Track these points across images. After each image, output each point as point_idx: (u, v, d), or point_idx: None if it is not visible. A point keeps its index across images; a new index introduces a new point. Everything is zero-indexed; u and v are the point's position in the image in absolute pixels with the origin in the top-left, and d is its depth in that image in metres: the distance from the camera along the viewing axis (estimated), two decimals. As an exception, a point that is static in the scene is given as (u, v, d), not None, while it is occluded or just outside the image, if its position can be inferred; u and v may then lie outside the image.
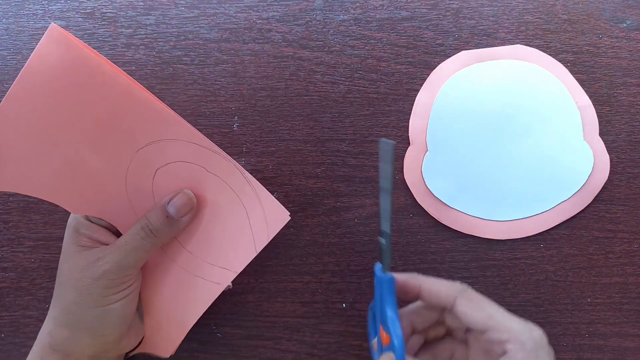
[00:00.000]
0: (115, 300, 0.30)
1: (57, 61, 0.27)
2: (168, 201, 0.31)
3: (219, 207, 0.33)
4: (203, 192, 0.33)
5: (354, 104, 0.39)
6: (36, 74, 0.27)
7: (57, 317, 0.31)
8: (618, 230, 0.39)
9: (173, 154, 0.32)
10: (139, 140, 0.31)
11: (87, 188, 0.31)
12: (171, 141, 0.31)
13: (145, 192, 0.32)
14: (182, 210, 0.32)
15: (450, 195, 0.38)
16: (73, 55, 0.27)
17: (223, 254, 0.34)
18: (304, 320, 0.39)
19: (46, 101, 0.28)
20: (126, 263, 0.30)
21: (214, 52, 0.40)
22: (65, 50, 0.27)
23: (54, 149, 0.29)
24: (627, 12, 0.39)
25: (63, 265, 0.31)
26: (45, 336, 0.31)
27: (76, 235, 0.31)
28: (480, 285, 0.39)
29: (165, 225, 0.31)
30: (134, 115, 0.30)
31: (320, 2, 0.40)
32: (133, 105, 0.30)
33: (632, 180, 0.39)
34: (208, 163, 0.32)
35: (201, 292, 0.34)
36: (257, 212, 0.33)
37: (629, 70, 0.39)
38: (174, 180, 0.32)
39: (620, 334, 0.38)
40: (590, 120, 0.39)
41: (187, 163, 0.32)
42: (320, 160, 0.39)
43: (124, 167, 0.31)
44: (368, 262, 0.39)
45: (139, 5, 0.40)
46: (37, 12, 0.40)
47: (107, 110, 0.29)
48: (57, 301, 0.31)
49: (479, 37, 0.39)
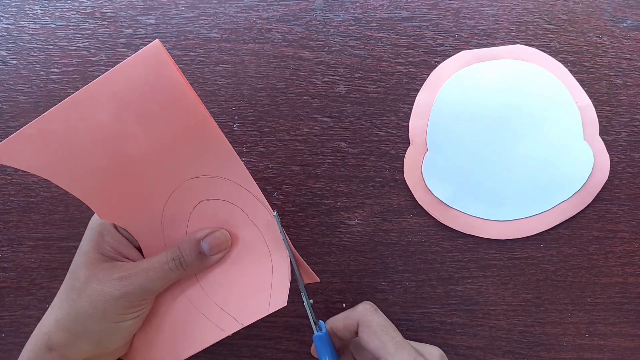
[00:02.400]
0: (128, 319, 0.30)
1: (148, 73, 0.28)
2: (203, 236, 0.31)
3: (247, 255, 0.33)
4: (237, 235, 0.33)
5: (354, 104, 0.39)
6: (123, 77, 0.28)
7: (61, 320, 0.30)
8: (618, 230, 0.39)
9: (222, 192, 0.32)
10: (195, 169, 0.31)
11: (125, 198, 0.31)
12: (225, 180, 0.31)
13: (180, 219, 0.32)
14: (216, 249, 0.32)
15: (450, 195, 0.38)
16: (165, 75, 0.28)
17: (235, 301, 0.33)
18: (304, 320, 0.39)
19: (121, 104, 0.28)
20: (150, 289, 0.30)
21: (214, 52, 0.40)
22: (159, 66, 0.28)
23: (107, 149, 0.29)
24: (627, 12, 0.39)
25: (80, 270, 0.30)
26: (43, 335, 0.30)
27: (100, 241, 0.31)
28: (480, 285, 0.39)
29: (196, 260, 0.31)
30: (199, 146, 0.30)
31: (320, 2, 0.40)
32: (202, 136, 0.30)
33: (632, 180, 0.39)
34: (252, 211, 0.32)
35: (202, 331, 0.33)
36: (283, 273, 0.32)
37: (629, 70, 0.39)
38: (213, 216, 0.32)
39: (620, 334, 0.38)
40: (590, 120, 0.39)
41: (232, 205, 0.32)
42: (320, 160, 0.39)
43: (169, 190, 0.31)
44: (368, 262, 0.39)
45: (139, 5, 0.40)
46: (37, 12, 0.40)
47: (176, 133, 0.29)
48: (65, 304, 0.30)
49: (479, 37, 0.39)
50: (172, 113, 0.29)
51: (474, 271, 0.39)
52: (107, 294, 0.29)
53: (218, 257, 0.32)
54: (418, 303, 0.39)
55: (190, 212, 0.32)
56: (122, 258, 0.31)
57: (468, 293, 0.39)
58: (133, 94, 0.28)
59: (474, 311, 0.39)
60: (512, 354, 0.38)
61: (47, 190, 0.40)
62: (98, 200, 0.30)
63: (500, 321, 0.39)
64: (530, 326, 0.39)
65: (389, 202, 0.39)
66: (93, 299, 0.29)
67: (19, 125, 0.40)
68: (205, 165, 0.31)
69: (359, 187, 0.39)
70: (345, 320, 0.32)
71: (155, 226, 0.32)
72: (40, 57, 0.40)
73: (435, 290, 0.39)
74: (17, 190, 0.40)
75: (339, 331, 0.32)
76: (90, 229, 0.32)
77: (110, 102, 0.28)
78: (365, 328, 0.31)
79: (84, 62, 0.40)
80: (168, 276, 0.30)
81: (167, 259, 0.30)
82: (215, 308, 0.33)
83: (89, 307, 0.29)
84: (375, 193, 0.39)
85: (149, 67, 0.27)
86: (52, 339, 0.30)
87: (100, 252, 0.30)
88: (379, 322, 0.31)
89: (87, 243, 0.31)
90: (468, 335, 0.39)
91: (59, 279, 0.39)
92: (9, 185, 0.40)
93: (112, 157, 0.29)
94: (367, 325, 0.31)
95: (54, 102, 0.40)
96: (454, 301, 0.39)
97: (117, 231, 0.32)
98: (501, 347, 0.39)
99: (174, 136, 0.30)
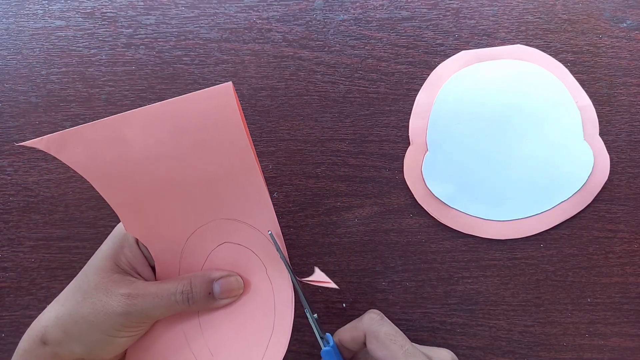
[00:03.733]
0: (123, 336, 0.30)
1: (213, 109, 0.28)
2: (218, 278, 0.31)
3: (253, 308, 0.33)
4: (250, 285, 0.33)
5: (354, 104, 0.39)
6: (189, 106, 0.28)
7: (61, 319, 0.30)
8: (618, 230, 0.39)
9: (249, 240, 0.32)
10: (230, 211, 0.31)
11: (155, 218, 0.31)
12: (255, 230, 0.32)
13: (200, 254, 0.32)
14: (226, 294, 0.31)
15: (450, 195, 0.38)
16: (228, 115, 0.29)
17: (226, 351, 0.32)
18: (303, 320, 0.39)
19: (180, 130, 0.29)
20: (151, 314, 0.30)
21: (214, 52, 0.40)
22: (225, 106, 0.28)
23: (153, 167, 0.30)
24: (627, 12, 0.39)
25: (92, 274, 0.30)
26: (40, 327, 0.30)
27: (119, 252, 0.31)
28: (480, 285, 0.39)
29: (204, 299, 0.31)
30: (240, 191, 0.31)
31: (320, 2, 0.40)
32: (246, 183, 0.30)
33: (632, 180, 0.39)
34: (271, 267, 0.32)
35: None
36: (281, 337, 0.32)
37: (629, 70, 0.39)
38: (232, 259, 0.32)
39: (620, 334, 0.38)
40: (590, 120, 0.39)
41: (254, 255, 0.32)
42: (320, 160, 0.39)
43: (199, 223, 0.32)
44: (368, 262, 0.39)
45: (139, 5, 0.40)
46: (37, 12, 0.40)
47: (222, 172, 0.30)
48: (69, 303, 0.30)
49: (479, 37, 0.39)
50: (224, 152, 0.30)
51: (474, 271, 0.39)
52: (110, 308, 0.29)
53: (226, 302, 0.32)
54: (418, 303, 0.39)
55: (212, 250, 0.32)
56: (135, 274, 0.31)
57: (468, 293, 0.39)
58: (194, 123, 0.29)
59: (474, 311, 0.39)
60: (512, 354, 0.38)
61: (47, 190, 0.40)
62: (129, 213, 0.31)
63: (500, 321, 0.39)
64: (530, 326, 0.39)
65: (389, 202, 0.39)
66: (96, 308, 0.29)
67: (19, 125, 0.40)
68: (241, 210, 0.31)
69: (359, 187, 0.39)
70: (352, 332, 0.32)
71: (175, 253, 0.32)
72: (40, 57, 0.40)
73: (435, 290, 0.39)
74: (17, 190, 0.40)
75: (346, 343, 0.32)
76: (113, 237, 0.32)
77: (171, 125, 0.29)
78: (373, 339, 0.30)
79: (84, 62, 0.40)
80: (172, 307, 0.30)
81: (176, 290, 0.30)
82: (205, 351, 0.33)
83: (89, 314, 0.29)
84: (375, 193, 0.39)
85: (216, 104, 0.28)
86: (48, 333, 0.30)
87: (115, 262, 0.31)
88: (386, 331, 0.30)
89: (106, 250, 0.31)
90: (468, 335, 0.39)
91: (59, 279, 0.40)
92: (9, 185, 0.40)
93: (156, 176, 0.30)
94: (374, 336, 0.30)
95: (54, 102, 0.40)
96: (454, 301, 0.39)
97: (138, 246, 0.32)
98: (501, 347, 0.39)
99: (219, 174, 0.30)
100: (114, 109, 0.40)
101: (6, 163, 0.40)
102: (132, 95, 0.40)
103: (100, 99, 0.40)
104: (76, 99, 0.40)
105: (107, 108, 0.40)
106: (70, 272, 0.39)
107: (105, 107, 0.40)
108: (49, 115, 0.40)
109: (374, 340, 0.30)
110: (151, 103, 0.40)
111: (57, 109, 0.40)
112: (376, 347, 0.30)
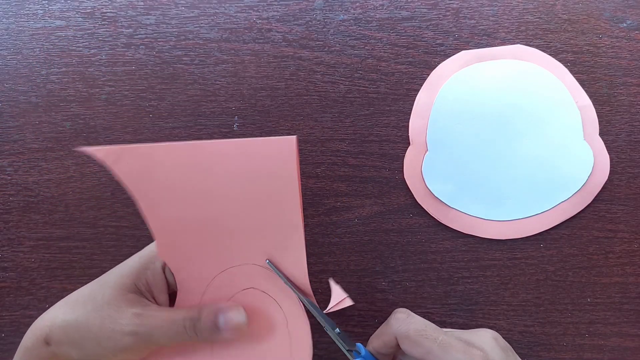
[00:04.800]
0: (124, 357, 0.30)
1: (273, 159, 0.29)
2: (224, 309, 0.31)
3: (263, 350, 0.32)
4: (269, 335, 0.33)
5: (354, 104, 0.39)
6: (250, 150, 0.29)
7: (67, 322, 0.30)
8: (618, 230, 0.39)
9: (276, 290, 0.32)
10: (263, 259, 0.32)
11: (189, 249, 0.31)
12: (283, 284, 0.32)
13: (225, 293, 0.32)
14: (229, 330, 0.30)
15: (450, 195, 0.38)
16: (286, 168, 0.29)
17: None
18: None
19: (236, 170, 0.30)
20: (156, 341, 0.30)
21: (214, 52, 0.40)
22: (285, 159, 0.29)
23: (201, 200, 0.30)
24: (627, 12, 0.39)
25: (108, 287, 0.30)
26: (45, 327, 0.30)
27: (142, 272, 0.31)
28: (480, 285, 0.39)
29: (209, 330, 0.30)
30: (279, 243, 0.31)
31: (320, 2, 0.40)
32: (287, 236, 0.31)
33: (632, 180, 0.39)
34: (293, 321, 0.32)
35: None
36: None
37: (629, 70, 0.39)
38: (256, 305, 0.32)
39: (620, 334, 0.38)
40: (590, 120, 0.39)
41: (278, 306, 0.32)
42: (320, 160, 0.39)
43: (230, 264, 0.32)
44: (368, 262, 0.39)
45: (139, 5, 0.40)
46: (37, 12, 0.40)
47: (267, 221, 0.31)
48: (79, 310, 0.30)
49: (479, 37, 0.39)
50: (273, 202, 0.30)
51: (474, 271, 0.39)
52: (118, 325, 0.29)
53: (231, 336, 0.31)
54: (418, 303, 0.39)
55: (237, 292, 0.32)
56: (150, 297, 0.31)
57: (468, 293, 0.39)
58: (251, 167, 0.30)
59: (474, 311, 0.39)
60: (512, 354, 0.39)
61: (47, 190, 0.40)
62: (166, 239, 0.31)
63: (500, 321, 0.39)
64: (530, 326, 0.39)
65: (389, 202, 0.39)
66: (104, 323, 0.29)
67: (19, 125, 0.40)
68: (276, 262, 0.32)
69: (359, 187, 0.39)
70: (383, 337, 0.31)
71: (200, 287, 0.32)
72: (40, 57, 0.40)
73: (435, 290, 0.39)
74: (17, 190, 0.40)
75: (380, 349, 0.31)
76: (140, 256, 0.32)
77: (228, 164, 0.30)
78: (405, 339, 0.30)
79: (84, 62, 0.40)
80: (179, 334, 0.30)
81: (183, 318, 0.30)
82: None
83: (95, 327, 0.29)
84: (375, 193, 0.39)
85: (277, 154, 0.29)
86: (52, 333, 0.30)
87: (135, 281, 0.30)
88: (415, 328, 0.30)
89: (130, 266, 0.31)
90: (468, 335, 0.39)
91: (59, 279, 0.40)
92: (9, 185, 0.40)
93: (201, 209, 0.30)
94: (405, 337, 0.30)
95: (54, 102, 0.40)
96: (454, 301, 0.39)
97: (163, 272, 0.32)
98: (501, 347, 0.39)
99: (263, 222, 0.31)
100: (114, 109, 0.40)
101: (6, 163, 0.40)
102: (132, 95, 0.40)
103: (100, 99, 0.40)
104: (76, 99, 0.40)
105: (107, 108, 0.40)
106: (70, 272, 0.39)
107: (105, 107, 0.40)
108: (49, 115, 0.40)
109: (405, 340, 0.30)
110: (151, 103, 0.40)
111: (57, 109, 0.40)
112: (409, 347, 0.29)
